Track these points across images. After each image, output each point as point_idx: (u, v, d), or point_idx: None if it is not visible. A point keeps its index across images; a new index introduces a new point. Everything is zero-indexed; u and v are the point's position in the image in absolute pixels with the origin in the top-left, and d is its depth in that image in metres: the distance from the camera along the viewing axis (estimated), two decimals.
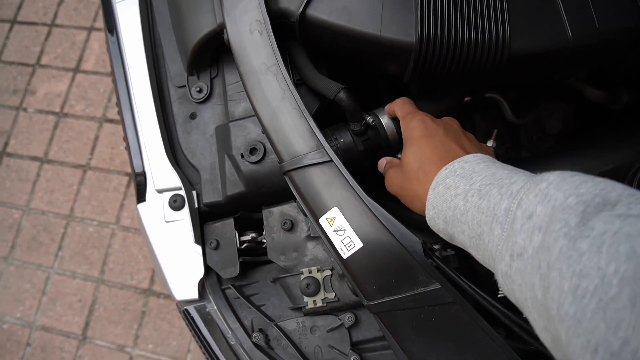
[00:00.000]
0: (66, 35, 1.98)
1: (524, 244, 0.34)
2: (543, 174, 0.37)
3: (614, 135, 0.72)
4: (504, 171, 0.42)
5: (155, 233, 0.70)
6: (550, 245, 0.31)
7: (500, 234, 0.38)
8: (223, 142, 0.67)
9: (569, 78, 0.79)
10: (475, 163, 0.45)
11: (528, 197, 0.36)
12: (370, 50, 0.59)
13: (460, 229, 0.43)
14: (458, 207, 0.43)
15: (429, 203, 0.47)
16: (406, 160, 0.52)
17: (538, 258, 0.32)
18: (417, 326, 0.51)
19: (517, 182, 0.39)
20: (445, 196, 0.45)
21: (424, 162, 0.50)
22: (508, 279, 0.37)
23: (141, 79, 0.75)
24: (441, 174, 0.47)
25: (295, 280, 0.61)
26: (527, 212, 0.35)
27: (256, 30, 0.62)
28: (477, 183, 0.42)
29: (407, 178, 0.52)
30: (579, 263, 0.28)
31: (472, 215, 0.41)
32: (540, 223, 0.33)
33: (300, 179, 0.56)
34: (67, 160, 1.83)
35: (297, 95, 0.58)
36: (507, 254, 0.36)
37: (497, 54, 0.54)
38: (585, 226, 0.30)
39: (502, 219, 0.38)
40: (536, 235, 0.33)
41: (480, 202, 0.41)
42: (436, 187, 0.46)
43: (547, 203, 0.34)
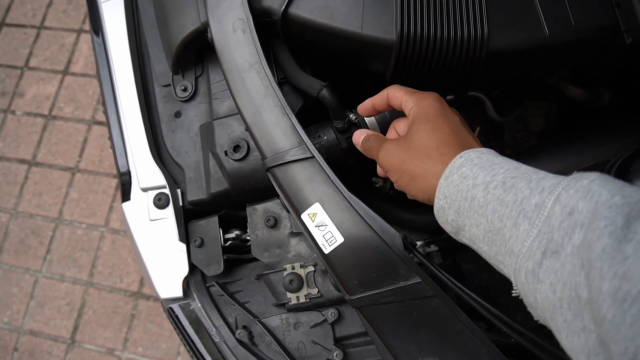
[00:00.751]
0: (55, 37, 1.97)
1: (562, 241, 0.32)
2: (578, 172, 0.36)
3: (596, 133, 0.73)
4: (526, 166, 0.40)
5: (140, 231, 0.70)
6: (593, 243, 0.29)
7: (527, 230, 0.35)
8: (207, 140, 0.68)
9: (551, 77, 0.80)
10: (493, 155, 0.43)
11: (568, 192, 0.34)
12: (352, 48, 0.60)
13: (475, 221, 0.41)
14: (476, 198, 0.40)
15: (439, 192, 0.44)
16: (417, 136, 0.48)
17: (580, 257, 0.31)
18: (398, 320, 0.52)
19: (547, 178, 0.37)
20: (461, 186, 0.42)
21: (440, 142, 0.46)
22: (534, 277, 0.34)
23: (126, 79, 0.75)
24: (456, 162, 0.43)
25: (278, 277, 0.61)
26: (568, 208, 0.33)
27: (239, 29, 0.62)
28: (500, 175, 0.40)
29: (415, 154, 0.47)
30: (622, 265, 0.27)
31: (494, 207, 0.38)
32: (582, 220, 0.31)
33: (283, 175, 0.57)
34: (55, 163, 1.82)
35: (279, 93, 0.58)
36: (539, 251, 0.34)
37: (476, 51, 0.55)
38: (629, 229, 0.28)
39: (532, 214, 0.35)
40: (577, 232, 0.32)
41: (505, 194, 0.38)
42: (450, 175, 0.43)
43: (591, 199, 0.32)
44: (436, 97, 0.50)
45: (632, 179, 0.49)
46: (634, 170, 0.49)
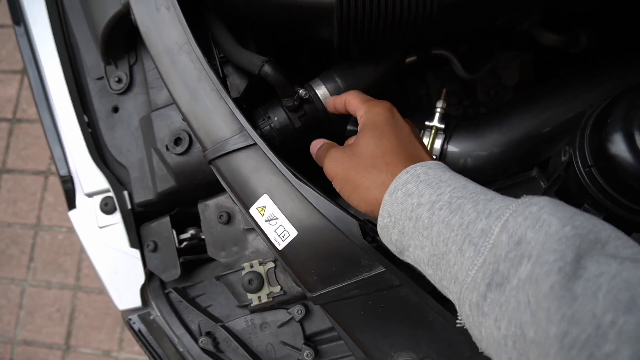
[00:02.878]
0: (9, 35, 1.86)
1: (507, 273, 0.30)
2: (529, 196, 0.33)
3: (573, 82, 0.67)
4: (475, 185, 0.38)
5: (90, 241, 0.65)
6: (540, 279, 0.27)
7: (473, 257, 0.33)
8: (147, 134, 0.61)
9: (523, 23, 0.73)
10: (441, 171, 0.40)
11: (516, 219, 0.31)
12: (290, 16, 0.53)
13: (419, 243, 0.38)
14: (421, 218, 0.37)
15: (383, 210, 0.41)
16: (364, 144, 0.45)
17: (526, 292, 0.28)
18: (365, 314, 0.47)
19: (495, 200, 0.35)
20: (406, 204, 0.39)
21: (385, 151, 0.43)
22: (478, 310, 0.32)
23: (56, 74, 0.68)
24: (401, 178, 0.40)
25: (238, 277, 0.56)
26: (515, 237, 0.30)
27: (163, 6, 0.55)
28: (446, 194, 0.37)
29: (359, 163, 0.44)
30: (570, 307, 0.25)
31: (439, 230, 0.36)
32: (530, 251, 0.29)
33: (226, 167, 0.51)
34: (27, 168, 1.75)
35: (213, 75, 0.52)
36: (484, 282, 0.31)
37: (427, 3, 0.48)
38: (579, 264, 0.26)
39: (478, 240, 0.33)
40: (524, 264, 0.29)
41: (451, 217, 0.35)
42: (394, 191, 0.40)
43: (540, 229, 0.29)
44: (387, 106, 0.48)
45: (609, 132, 0.44)
46: (611, 122, 0.44)
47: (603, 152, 0.44)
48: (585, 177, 0.47)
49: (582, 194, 0.49)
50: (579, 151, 0.48)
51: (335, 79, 0.60)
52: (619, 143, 0.43)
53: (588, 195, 0.48)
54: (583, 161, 0.48)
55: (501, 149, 0.67)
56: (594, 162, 0.46)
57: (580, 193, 0.49)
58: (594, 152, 0.46)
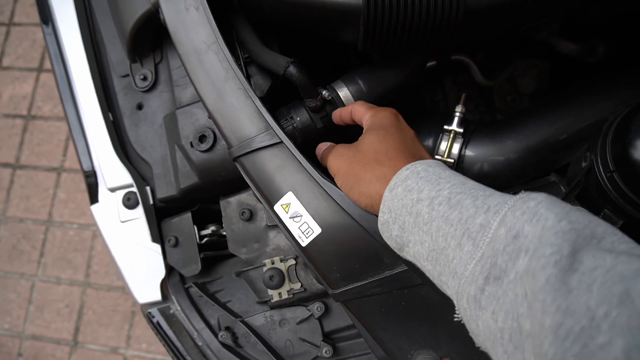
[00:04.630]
0: (26, 33, 1.89)
1: (505, 267, 0.30)
2: (527, 192, 0.34)
3: (591, 90, 0.68)
4: (473, 182, 0.38)
5: (112, 235, 0.66)
6: (537, 272, 0.28)
7: (471, 251, 0.33)
8: (172, 131, 0.63)
9: (541, 32, 0.74)
10: (440, 168, 0.41)
11: (514, 214, 0.32)
12: (316, 18, 0.54)
13: (419, 239, 0.38)
14: (421, 214, 0.38)
15: (384, 205, 0.41)
16: (368, 141, 0.47)
17: (523, 285, 0.29)
18: (386, 312, 0.48)
19: (494, 195, 0.35)
20: (406, 200, 0.39)
21: (389, 147, 0.45)
22: (476, 304, 0.32)
23: (82, 71, 0.70)
24: (401, 174, 0.41)
25: (258, 273, 0.57)
26: (513, 231, 0.31)
27: (192, 7, 0.56)
28: (445, 190, 0.37)
29: (363, 158, 0.46)
30: (565, 298, 0.25)
31: (438, 225, 0.36)
32: (527, 245, 0.30)
33: (251, 164, 0.52)
34: (40, 164, 1.77)
35: (240, 74, 0.53)
36: (482, 276, 0.32)
37: (452, 9, 0.49)
38: (574, 258, 0.27)
39: (476, 235, 0.33)
40: (522, 258, 0.30)
41: (450, 212, 0.36)
42: (394, 187, 0.41)
43: (537, 223, 0.30)
44: (392, 111, 0.50)
45: (632, 139, 0.44)
46: (634, 129, 0.44)
47: (626, 158, 0.45)
48: (607, 182, 0.48)
49: (603, 199, 0.49)
50: (600, 157, 0.49)
51: (358, 81, 0.61)
52: None
53: (609, 200, 0.49)
54: (605, 167, 0.48)
55: (518, 154, 0.67)
56: (616, 168, 0.47)
57: (600, 198, 0.50)
58: (616, 158, 0.47)
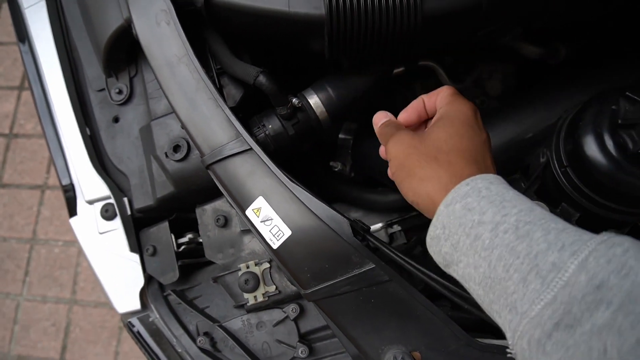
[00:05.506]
0: (7, 52, 1.89)
1: (581, 316, 0.28)
2: (610, 235, 0.31)
3: (554, 89, 0.71)
4: (541, 209, 0.35)
5: (91, 246, 0.67)
6: (625, 329, 0.26)
7: (539, 291, 0.31)
8: (147, 143, 0.64)
9: (504, 36, 0.77)
10: (504, 188, 0.38)
11: (598, 261, 0.29)
12: (283, 29, 0.56)
13: (474, 262, 0.36)
14: (481, 238, 0.35)
15: (437, 220, 0.39)
16: (435, 136, 0.43)
17: (602, 339, 0.27)
18: (356, 309, 0.49)
19: (568, 231, 0.32)
20: (464, 219, 0.37)
21: (454, 149, 0.42)
22: (538, 348, 0.30)
23: (58, 87, 0.71)
24: (460, 189, 0.38)
25: (234, 278, 0.58)
26: (596, 281, 0.29)
27: (163, 21, 0.58)
28: (512, 216, 0.35)
29: (423, 151, 0.43)
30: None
31: (500, 254, 0.34)
32: (611, 298, 0.27)
33: (223, 171, 0.53)
34: (23, 182, 1.76)
35: (210, 85, 0.55)
36: (552, 321, 0.30)
37: (411, 16, 0.51)
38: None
39: (547, 274, 0.31)
40: (602, 310, 0.28)
41: (517, 243, 0.33)
42: (452, 203, 0.38)
43: (626, 276, 0.28)
44: (472, 107, 0.46)
45: (581, 134, 0.47)
46: (583, 125, 0.47)
47: (577, 153, 0.48)
48: (562, 177, 0.50)
49: (560, 193, 0.52)
50: (555, 153, 0.51)
51: (327, 88, 0.63)
52: (590, 144, 0.46)
53: (565, 195, 0.51)
54: (559, 162, 0.51)
55: None
56: (569, 163, 0.49)
57: (557, 192, 0.52)
58: (568, 153, 0.49)
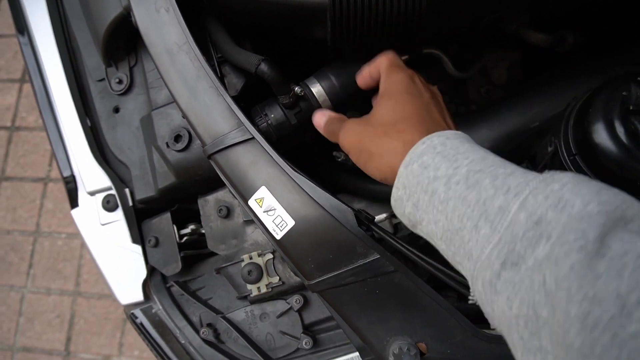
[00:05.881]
0: (8, 45, 1.89)
1: (524, 252, 0.29)
2: (550, 172, 0.32)
3: (560, 79, 0.70)
4: (494, 157, 0.36)
5: (93, 238, 0.66)
6: (560, 259, 0.26)
7: (488, 235, 0.32)
8: (148, 133, 0.63)
9: (510, 23, 0.75)
10: (459, 141, 0.38)
11: (536, 198, 0.30)
12: (284, 15, 0.55)
13: (433, 218, 0.37)
14: (437, 192, 0.36)
15: (398, 181, 0.40)
16: (378, 113, 0.45)
17: (542, 272, 0.28)
18: (361, 300, 0.48)
19: (515, 174, 0.33)
20: (421, 177, 0.38)
21: (399, 118, 0.43)
22: (491, 288, 0.31)
23: (58, 78, 0.70)
24: (417, 149, 0.39)
25: (237, 269, 0.57)
26: (535, 217, 0.29)
27: (162, 8, 0.57)
28: (463, 167, 0.35)
29: (372, 132, 0.44)
30: (593, 286, 0.24)
31: (454, 205, 0.35)
32: (550, 231, 0.28)
33: (225, 160, 0.53)
34: (26, 175, 1.76)
35: (211, 73, 0.54)
36: (498, 261, 0.31)
37: (415, 1, 0.50)
38: (602, 243, 0.25)
39: (494, 217, 0.32)
40: (542, 244, 0.28)
41: (468, 192, 0.34)
42: (410, 164, 0.39)
43: (563, 209, 0.28)
44: (407, 73, 0.47)
45: (590, 122, 0.46)
46: (592, 112, 0.46)
47: (586, 141, 0.46)
48: (570, 165, 0.49)
49: None
50: (563, 141, 0.50)
51: (330, 76, 0.62)
52: (600, 132, 0.45)
53: None
54: (568, 150, 0.50)
55: (491, 144, 0.69)
56: (578, 151, 0.48)
57: None
58: (577, 141, 0.48)
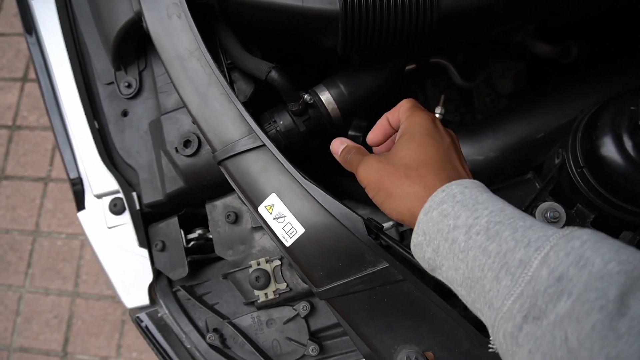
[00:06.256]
0: (9, 43, 1.88)
1: (545, 308, 0.30)
2: (571, 228, 0.33)
3: (565, 90, 0.70)
4: (512, 209, 0.37)
5: (99, 241, 0.67)
6: (581, 317, 0.27)
7: (509, 287, 0.33)
8: (157, 137, 0.63)
9: (516, 34, 0.76)
10: (477, 191, 0.39)
11: (558, 254, 0.31)
12: (296, 24, 0.56)
13: (453, 265, 0.38)
14: (457, 241, 0.37)
15: (418, 227, 0.41)
16: (400, 154, 0.45)
17: (564, 328, 0.28)
18: (369, 308, 0.49)
19: (534, 227, 0.34)
20: (441, 225, 0.39)
21: (421, 162, 0.43)
22: (512, 340, 0.32)
23: (67, 80, 0.70)
24: (437, 197, 0.40)
25: (245, 275, 0.58)
26: (556, 274, 0.30)
27: (174, 14, 0.57)
28: (483, 218, 0.37)
29: (393, 172, 0.44)
30: (615, 346, 0.24)
31: (475, 255, 0.36)
32: (571, 289, 0.29)
33: (235, 167, 0.53)
34: (26, 175, 1.76)
35: (222, 80, 0.54)
36: (520, 314, 0.31)
37: (427, 13, 0.51)
38: (622, 302, 0.26)
39: (515, 270, 0.33)
40: (564, 301, 0.29)
41: (488, 243, 0.35)
42: (430, 210, 0.40)
43: (583, 267, 0.29)
44: (429, 117, 0.47)
45: (599, 135, 0.46)
46: (601, 125, 0.46)
47: (594, 154, 0.47)
48: (578, 178, 0.50)
49: (575, 194, 0.51)
50: (571, 153, 0.51)
51: (339, 85, 0.62)
52: (608, 145, 0.46)
53: (580, 195, 0.50)
54: (575, 163, 0.50)
55: (497, 153, 0.69)
56: (586, 163, 0.49)
57: (573, 193, 0.52)
58: (585, 154, 0.49)
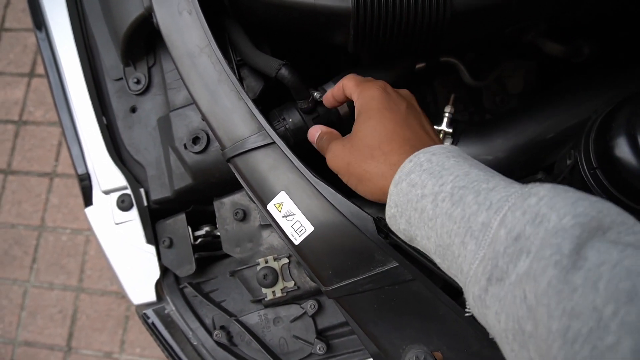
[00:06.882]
0: (17, 39, 1.89)
1: (506, 268, 0.30)
2: (530, 185, 0.32)
3: (576, 90, 0.70)
4: (478, 171, 0.37)
5: (106, 237, 0.67)
6: (538, 275, 0.27)
7: (474, 251, 0.33)
8: (166, 134, 0.63)
9: (527, 33, 0.76)
10: (444, 156, 0.39)
11: (514, 214, 0.31)
12: (308, 21, 0.55)
13: (425, 234, 0.38)
14: (426, 210, 0.37)
15: (390, 200, 0.41)
16: (361, 134, 0.45)
17: (522, 287, 0.28)
18: (378, 308, 0.49)
19: (497, 188, 0.34)
20: (410, 195, 0.39)
21: (382, 139, 0.43)
22: (481, 303, 0.32)
23: (75, 75, 0.70)
24: (404, 168, 0.40)
25: (252, 272, 0.57)
26: (514, 233, 0.30)
27: (185, 10, 0.57)
28: (448, 184, 0.37)
29: (358, 154, 0.45)
30: (570, 300, 0.25)
31: (442, 222, 0.36)
32: (529, 247, 0.29)
33: (244, 164, 0.53)
34: (32, 170, 1.76)
35: (233, 77, 0.54)
36: (484, 277, 0.32)
37: (439, 11, 0.50)
38: (578, 255, 0.26)
39: (478, 233, 0.33)
40: (522, 260, 0.29)
41: (453, 209, 0.35)
42: (399, 182, 0.40)
43: (539, 225, 0.29)
44: (379, 87, 0.47)
45: (613, 136, 0.46)
46: (615, 126, 0.46)
47: (607, 155, 0.47)
48: (590, 179, 0.49)
49: None
50: (584, 154, 0.50)
51: None
52: (623, 146, 0.45)
53: None
54: (588, 164, 0.50)
55: (506, 153, 0.69)
56: (599, 165, 0.48)
57: None
58: (598, 155, 0.48)
